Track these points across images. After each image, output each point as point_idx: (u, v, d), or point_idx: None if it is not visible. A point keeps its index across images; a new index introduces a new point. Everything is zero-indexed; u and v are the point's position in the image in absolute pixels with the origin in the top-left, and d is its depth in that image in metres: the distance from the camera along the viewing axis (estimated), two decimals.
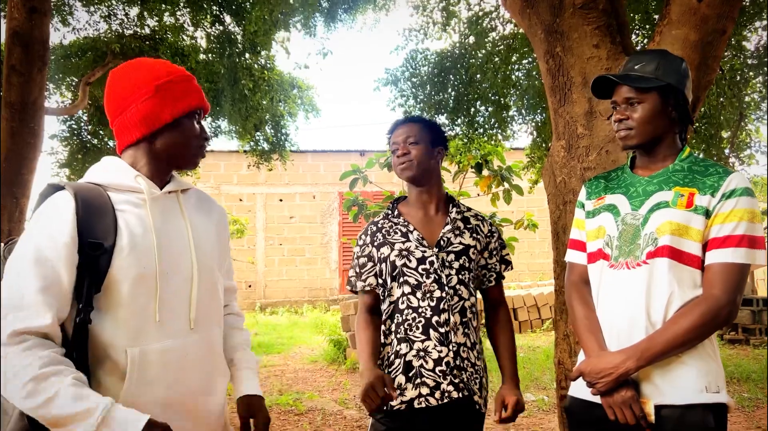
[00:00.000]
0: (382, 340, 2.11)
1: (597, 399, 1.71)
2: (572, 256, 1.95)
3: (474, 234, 2.14)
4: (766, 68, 4.56)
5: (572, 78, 2.65)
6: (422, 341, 2.01)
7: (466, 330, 2.07)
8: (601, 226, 1.82)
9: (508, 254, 2.26)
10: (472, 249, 2.11)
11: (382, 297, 2.12)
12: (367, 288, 2.15)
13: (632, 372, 1.62)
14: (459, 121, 5.92)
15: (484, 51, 5.56)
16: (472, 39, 5.55)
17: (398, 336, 2.04)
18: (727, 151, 5.44)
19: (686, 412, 1.60)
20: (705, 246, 1.65)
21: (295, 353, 8.77)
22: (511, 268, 2.27)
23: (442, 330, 2.01)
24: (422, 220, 2.14)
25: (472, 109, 5.87)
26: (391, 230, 2.13)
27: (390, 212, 2.19)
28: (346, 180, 6.82)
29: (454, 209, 2.16)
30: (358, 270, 2.17)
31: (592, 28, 2.61)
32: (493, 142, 6.19)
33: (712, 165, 1.75)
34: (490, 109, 5.87)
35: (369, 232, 2.18)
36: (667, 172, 1.76)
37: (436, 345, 2.00)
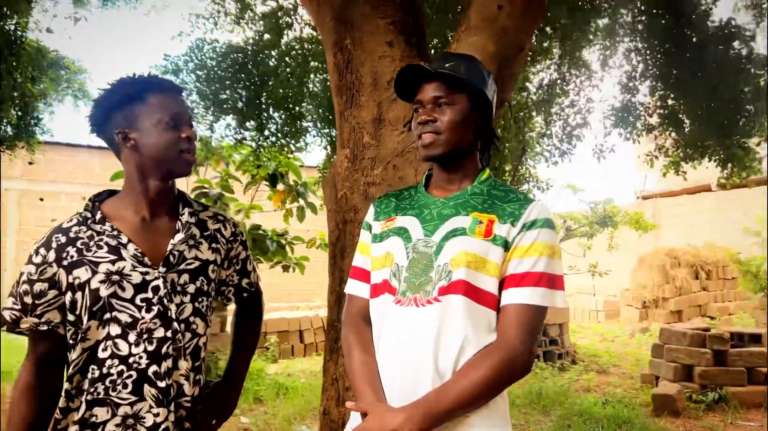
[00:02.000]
0: (64, 404, 1.47)
1: None
2: (353, 287, 1.65)
3: (213, 244, 1.64)
4: (547, 105, 4.81)
5: (362, 77, 2.27)
6: (131, 403, 1.45)
7: (198, 376, 1.56)
8: (388, 253, 1.54)
9: (251, 263, 1.81)
10: (211, 266, 1.61)
11: (71, 341, 1.48)
12: (43, 328, 1.48)
13: None
14: (248, 125, 5.34)
15: (278, 50, 5.08)
16: (267, 36, 5.04)
17: (92, 397, 1.44)
18: (508, 183, 5.65)
19: None
20: (501, 284, 1.46)
21: None
22: (256, 280, 1.84)
23: (162, 384, 1.47)
24: (140, 227, 1.55)
25: (264, 114, 5.34)
26: (91, 242, 1.49)
27: (89, 215, 1.54)
28: (120, 180, 5.91)
29: (186, 210, 1.62)
30: (29, 301, 1.47)
31: (387, 22, 2.26)
32: (285, 153, 5.71)
33: (511, 191, 1.56)
34: (283, 116, 5.39)
35: (53, 245, 1.49)
36: (465, 195, 1.53)
37: (152, 407, 1.46)
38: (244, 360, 1.87)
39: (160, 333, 1.49)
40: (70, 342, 1.48)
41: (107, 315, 1.46)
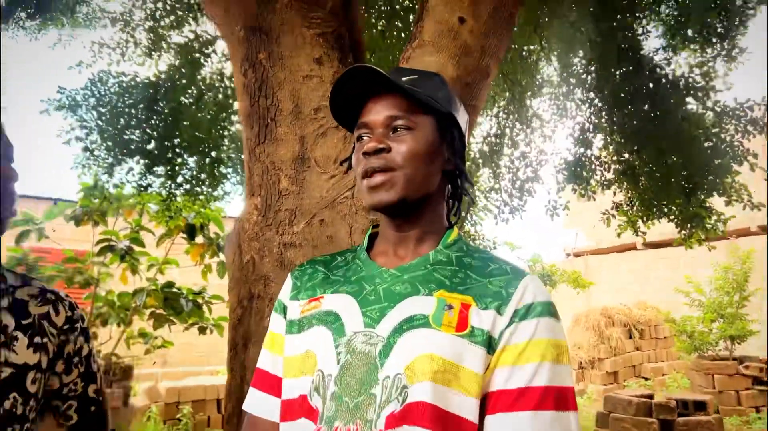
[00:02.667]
0: None
1: None
2: (255, 403, 1.11)
3: (37, 338, 1.12)
4: (495, 157, 4.45)
5: (279, 102, 1.72)
6: None
7: None
8: (309, 352, 1.04)
9: (96, 361, 1.26)
10: (32, 373, 1.10)
11: None
12: None
13: None
14: (157, 170, 4.67)
15: (194, 86, 4.50)
16: (182, 70, 4.47)
17: None
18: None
19: None
20: (483, 403, 0.95)
21: None
22: (102, 386, 1.29)
23: None
24: None
25: (177, 159, 4.69)
26: None
27: None
28: (13, 231, 5.49)
29: None
30: None
31: (315, 33, 1.73)
32: (199, 202, 5.05)
33: (492, 259, 1.07)
34: (198, 161, 4.77)
35: None
36: (426, 264, 1.05)
37: None
38: None
39: None
40: None
41: None
